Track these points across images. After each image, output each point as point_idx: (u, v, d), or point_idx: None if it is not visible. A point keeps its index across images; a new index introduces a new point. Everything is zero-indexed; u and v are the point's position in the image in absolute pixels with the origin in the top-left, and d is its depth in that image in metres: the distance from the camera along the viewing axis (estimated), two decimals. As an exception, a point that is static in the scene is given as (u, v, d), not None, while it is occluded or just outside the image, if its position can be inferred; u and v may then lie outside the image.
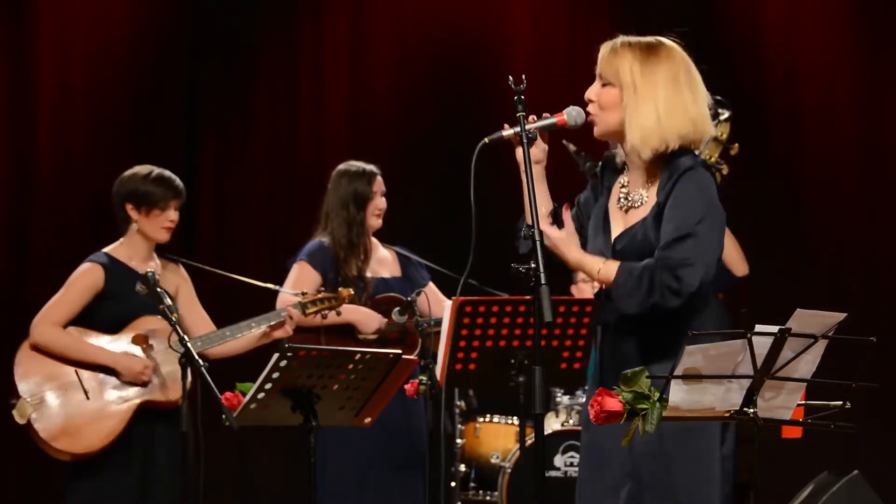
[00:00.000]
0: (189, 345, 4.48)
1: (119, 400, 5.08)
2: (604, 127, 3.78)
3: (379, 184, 5.75)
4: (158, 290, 4.66)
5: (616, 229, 3.77)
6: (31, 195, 7.63)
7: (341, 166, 5.80)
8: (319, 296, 5.31)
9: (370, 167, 5.77)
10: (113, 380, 5.09)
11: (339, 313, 5.32)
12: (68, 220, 7.55)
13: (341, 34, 8.10)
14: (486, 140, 3.69)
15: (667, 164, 3.69)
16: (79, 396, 5.07)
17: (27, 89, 7.62)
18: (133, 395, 5.09)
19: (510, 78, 3.69)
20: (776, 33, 8.05)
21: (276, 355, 4.15)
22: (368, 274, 5.66)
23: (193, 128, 7.99)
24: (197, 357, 4.44)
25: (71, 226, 7.51)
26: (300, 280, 5.54)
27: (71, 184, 7.63)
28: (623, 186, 3.80)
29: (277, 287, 5.35)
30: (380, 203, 5.73)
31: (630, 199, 3.77)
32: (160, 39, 7.91)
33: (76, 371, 5.08)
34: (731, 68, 7.85)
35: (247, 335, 5.22)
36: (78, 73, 7.73)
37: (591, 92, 3.79)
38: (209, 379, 4.35)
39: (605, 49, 3.79)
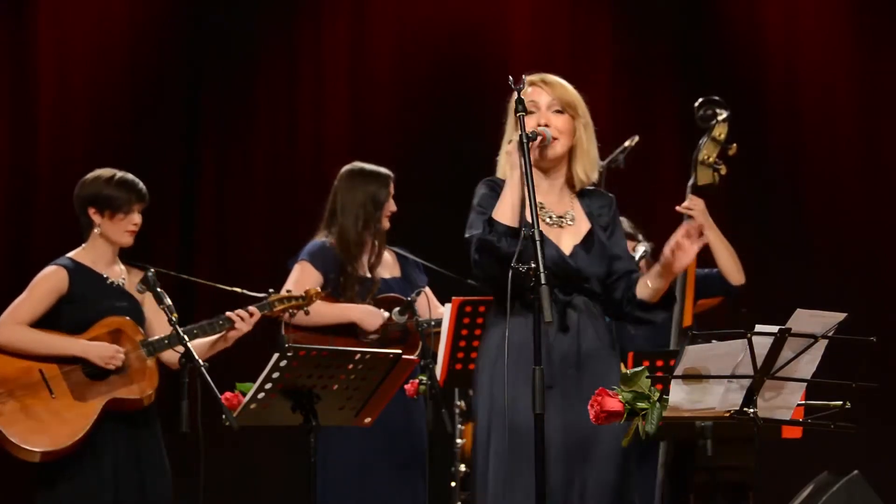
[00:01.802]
0: (189, 345, 4.48)
1: (85, 399, 4.98)
2: (561, 149, 4.04)
3: (392, 187, 5.72)
4: (158, 290, 4.67)
5: (563, 242, 4.01)
6: (31, 195, 7.62)
7: (353, 167, 5.74)
8: (286, 294, 5.25)
9: (385, 170, 5.74)
10: (79, 378, 5.01)
11: (307, 313, 5.24)
12: (68, 221, 7.52)
13: (341, 34, 8.09)
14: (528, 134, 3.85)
15: (585, 192, 4.09)
16: (44, 395, 4.98)
17: (27, 89, 7.62)
18: (99, 393, 5.00)
19: (510, 78, 3.71)
20: (776, 33, 8.04)
21: (276, 355, 4.14)
22: (369, 274, 5.65)
23: (193, 127, 7.98)
24: (197, 357, 4.44)
25: (71, 226, 7.48)
26: (301, 280, 5.52)
27: (71, 184, 7.57)
28: (542, 208, 4.01)
29: (241, 290, 5.25)
30: (391, 206, 5.71)
31: (561, 217, 4.05)
32: (160, 39, 7.90)
33: (41, 370, 4.99)
34: (731, 68, 7.86)
35: (213, 335, 5.15)
36: (78, 73, 7.73)
37: (549, 117, 4.02)
38: (209, 379, 4.35)
39: (551, 80, 4.11)
